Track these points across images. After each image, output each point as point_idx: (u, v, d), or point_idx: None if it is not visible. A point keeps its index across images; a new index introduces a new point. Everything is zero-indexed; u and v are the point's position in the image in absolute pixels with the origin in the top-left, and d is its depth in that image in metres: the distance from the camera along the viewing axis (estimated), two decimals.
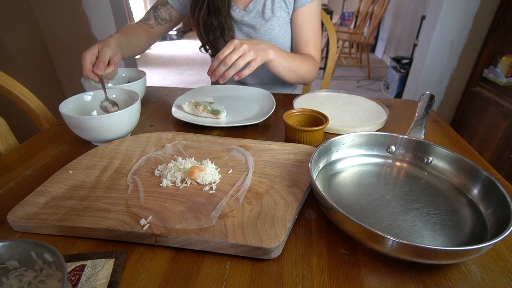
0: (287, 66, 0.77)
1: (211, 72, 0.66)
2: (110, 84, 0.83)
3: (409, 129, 0.58)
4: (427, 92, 0.66)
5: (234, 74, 0.66)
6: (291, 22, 0.91)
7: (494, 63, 1.84)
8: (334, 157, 0.55)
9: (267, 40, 0.88)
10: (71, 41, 1.87)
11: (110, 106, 0.66)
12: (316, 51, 0.91)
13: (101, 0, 1.75)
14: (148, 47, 0.95)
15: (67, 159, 0.57)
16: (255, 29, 0.88)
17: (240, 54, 0.64)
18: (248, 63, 0.66)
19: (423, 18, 2.39)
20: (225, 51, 0.64)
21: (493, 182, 0.43)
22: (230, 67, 0.64)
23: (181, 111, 0.75)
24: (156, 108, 0.81)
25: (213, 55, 0.95)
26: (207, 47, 0.94)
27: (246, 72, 0.66)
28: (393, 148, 0.56)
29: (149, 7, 0.99)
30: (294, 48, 0.94)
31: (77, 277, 0.35)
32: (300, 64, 0.82)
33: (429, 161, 0.53)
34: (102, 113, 0.67)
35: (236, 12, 0.87)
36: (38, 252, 0.29)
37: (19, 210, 0.43)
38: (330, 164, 0.54)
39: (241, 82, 0.98)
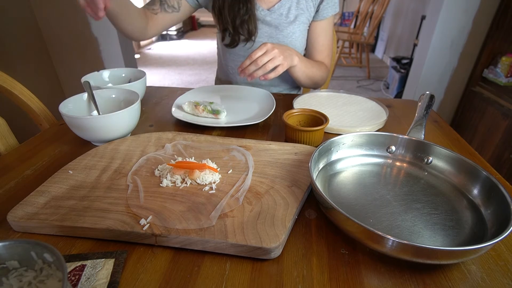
0: (306, 72, 0.82)
1: (241, 69, 0.69)
2: (110, 84, 0.84)
3: (409, 129, 0.58)
4: (427, 92, 0.66)
5: (261, 75, 0.70)
6: (308, 30, 0.94)
7: (494, 63, 1.84)
8: (334, 157, 0.55)
9: (288, 43, 0.90)
10: (71, 41, 1.87)
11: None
12: (328, 59, 0.96)
13: None
14: (147, 34, 0.85)
15: (67, 159, 0.57)
16: (278, 29, 0.89)
17: (271, 57, 0.67)
18: (275, 67, 0.70)
19: (423, 18, 2.39)
20: (258, 52, 0.67)
21: (493, 182, 0.43)
22: (259, 68, 0.68)
23: (181, 111, 0.75)
24: (156, 108, 0.81)
25: (231, 44, 0.91)
26: (229, 34, 0.89)
27: (272, 75, 0.70)
28: (393, 148, 0.56)
29: None
30: (308, 55, 0.98)
31: (77, 277, 0.35)
32: (316, 71, 0.87)
33: (429, 161, 0.53)
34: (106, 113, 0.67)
35: (259, 11, 0.87)
36: (38, 252, 0.29)
37: (19, 210, 0.43)
38: (330, 164, 0.54)
39: (251, 83, 0.98)
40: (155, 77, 3.50)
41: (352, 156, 0.56)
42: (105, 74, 0.84)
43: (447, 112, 2.12)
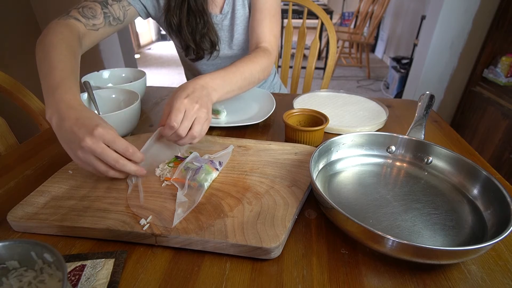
0: (235, 88, 0.64)
1: (164, 135, 0.53)
2: (110, 84, 0.84)
3: (409, 129, 0.58)
4: (427, 92, 0.66)
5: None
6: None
7: (494, 63, 1.84)
8: (334, 157, 0.55)
9: (247, 39, 0.86)
10: None
11: None
12: (273, 38, 0.78)
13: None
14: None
15: (67, 159, 0.56)
16: (234, 29, 0.85)
17: (193, 119, 0.52)
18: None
19: (423, 18, 2.39)
20: (177, 116, 0.50)
21: (493, 182, 0.43)
22: (184, 137, 0.52)
23: None
24: (156, 108, 0.81)
25: (196, 59, 0.88)
26: (192, 51, 0.84)
27: (197, 140, 0.54)
28: (393, 148, 0.56)
29: None
30: (251, 40, 0.80)
31: (77, 277, 0.35)
32: (251, 77, 0.67)
33: (429, 161, 0.53)
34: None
35: (214, 18, 0.84)
36: (38, 252, 0.29)
37: (19, 210, 0.43)
38: (330, 164, 0.54)
39: None
40: (155, 77, 3.50)
41: (352, 156, 0.56)
42: (105, 74, 0.84)
43: (447, 112, 2.12)
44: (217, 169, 0.51)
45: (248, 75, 0.66)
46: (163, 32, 5.16)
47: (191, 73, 1.02)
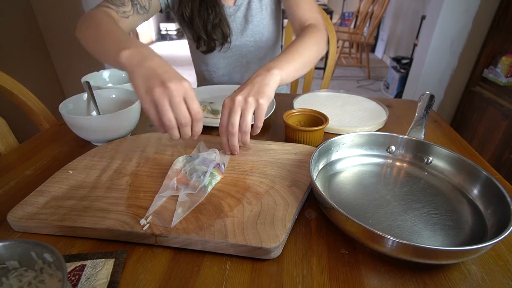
0: (299, 69, 0.64)
1: (229, 151, 0.55)
2: (110, 84, 0.84)
3: (409, 129, 0.58)
4: (427, 92, 0.66)
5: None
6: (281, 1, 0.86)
7: (494, 63, 1.84)
8: (334, 157, 0.55)
9: (259, 32, 0.88)
10: (71, 41, 1.87)
11: None
12: (316, 14, 0.78)
13: (101, 0, 1.75)
14: None
15: (67, 159, 0.57)
16: (248, 21, 0.87)
17: (239, 111, 0.51)
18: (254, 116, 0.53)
19: (423, 18, 2.39)
20: (223, 119, 0.52)
21: (493, 182, 0.43)
22: (239, 133, 0.52)
23: None
24: None
25: (208, 51, 0.89)
26: (204, 42, 0.86)
27: (258, 130, 0.54)
28: (393, 148, 0.56)
29: None
30: (293, 23, 0.80)
31: (77, 277, 0.35)
32: (309, 52, 0.67)
33: (429, 161, 0.53)
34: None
35: (227, 9, 0.86)
36: (38, 252, 0.29)
37: (19, 210, 0.43)
38: (330, 164, 0.54)
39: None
40: None
41: (352, 156, 0.56)
42: (105, 74, 0.84)
43: (447, 112, 2.12)
44: (222, 173, 0.51)
45: (307, 52, 0.65)
46: (163, 32, 5.17)
47: (200, 70, 1.02)
